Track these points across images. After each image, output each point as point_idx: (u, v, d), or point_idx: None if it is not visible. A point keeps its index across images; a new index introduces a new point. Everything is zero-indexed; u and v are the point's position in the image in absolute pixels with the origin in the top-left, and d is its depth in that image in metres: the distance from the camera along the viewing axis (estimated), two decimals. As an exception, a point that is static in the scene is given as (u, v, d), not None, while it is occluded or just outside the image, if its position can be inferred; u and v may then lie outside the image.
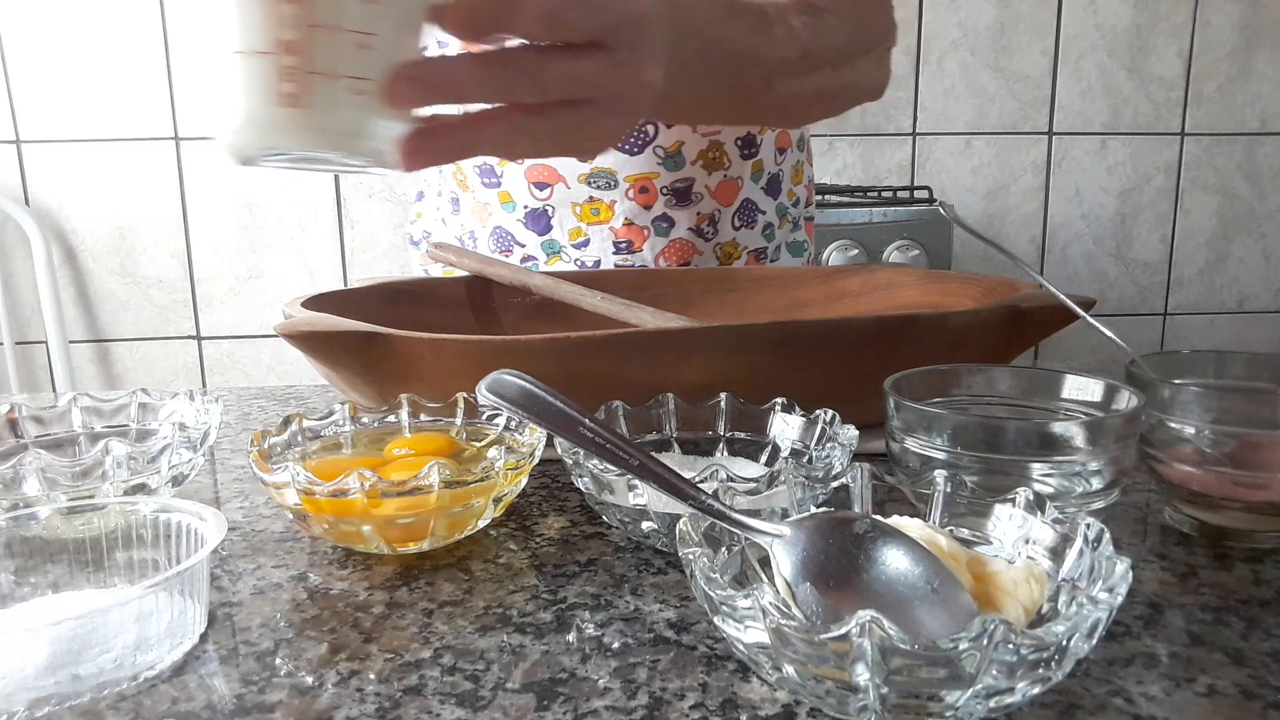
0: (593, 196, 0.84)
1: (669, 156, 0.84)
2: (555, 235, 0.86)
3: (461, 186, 0.89)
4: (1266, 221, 2.10)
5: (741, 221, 0.91)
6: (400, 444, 0.53)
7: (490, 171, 0.85)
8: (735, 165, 0.88)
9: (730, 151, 0.87)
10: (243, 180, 1.88)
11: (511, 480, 0.47)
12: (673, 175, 0.84)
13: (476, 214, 0.89)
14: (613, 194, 0.84)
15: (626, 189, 0.84)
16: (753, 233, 0.92)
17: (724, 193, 0.88)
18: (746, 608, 0.31)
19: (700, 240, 0.88)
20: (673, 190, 0.85)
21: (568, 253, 0.87)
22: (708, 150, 0.85)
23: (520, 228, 0.87)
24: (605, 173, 0.83)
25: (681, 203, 0.86)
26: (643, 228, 0.86)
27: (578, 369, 0.55)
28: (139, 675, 0.35)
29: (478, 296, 0.79)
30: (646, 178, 0.84)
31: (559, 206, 0.85)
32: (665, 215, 0.86)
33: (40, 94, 1.82)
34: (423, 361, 0.55)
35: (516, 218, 0.86)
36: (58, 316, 1.82)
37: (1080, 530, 0.35)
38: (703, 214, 0.88)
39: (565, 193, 0.84)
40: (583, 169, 0.83)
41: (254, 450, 0.47)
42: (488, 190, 0.87)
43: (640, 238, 0.86)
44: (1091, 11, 1.96)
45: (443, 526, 0.45)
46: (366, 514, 0.43)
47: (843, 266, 0.89)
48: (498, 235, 0.88)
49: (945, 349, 0.57)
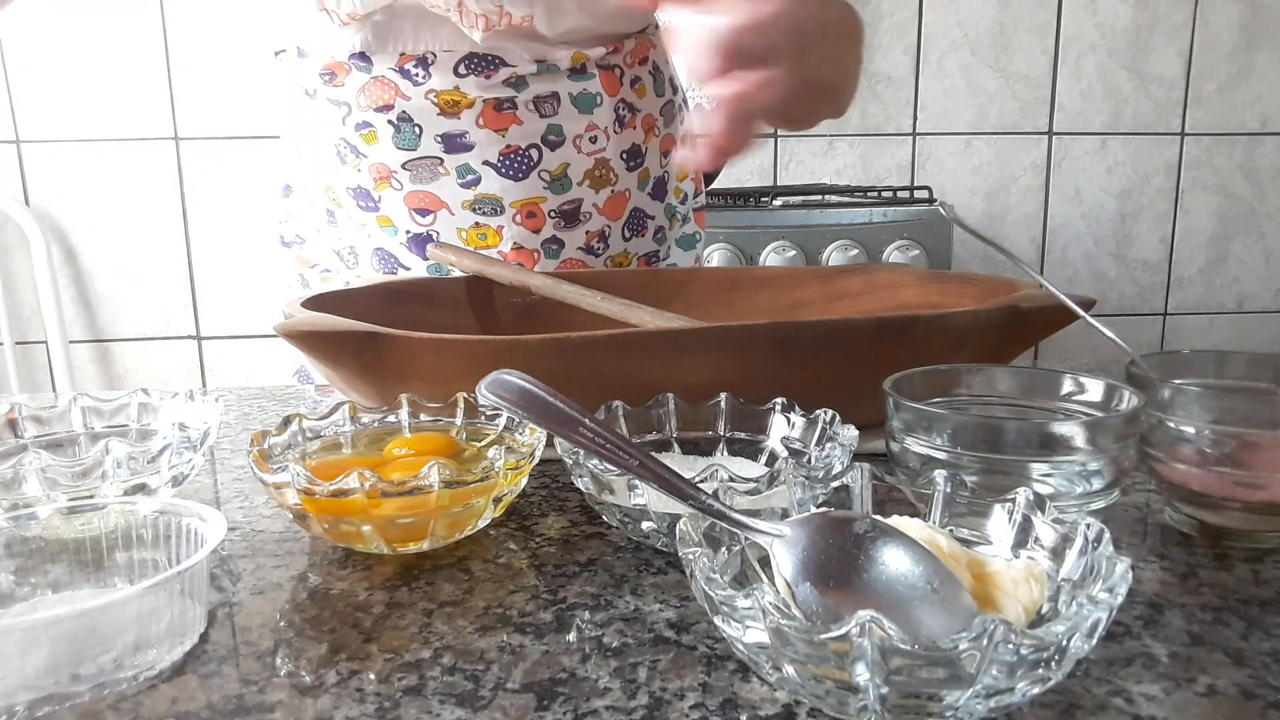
0: (479, 222, 0.81)
1: (555, 180, 0.81)
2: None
3: (333, 204, 0.85)
4: (1266, 221, 2.10)
5: (631, 232, 0.89)
6: (400, 444, 0.53)
7: (366, 196, 0.82)
8: (622, 179, 0.85)
9: (616, 167, 0.85)
10: (243, 180, 1.88)
11: (511, 480, 0.47)
12: (560, 198, 0.82)
13: (354, 233, 0.85)
14: (499, 219, 0.81)
15: (513, 214, 0.81)
16: (644, 240, 0.90)
17: (612, 208, 0.86)
18: (746, 608, 0.31)
19: (590, 257, 0.87)
20: (560, 213, 0.83)
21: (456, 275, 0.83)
22: (594, 169, 0.83)
23: (404, 250, 0.83)
24: (490, 199, 0.80)
25: (570, 224, 0.84)
26: (532, 251, 0.83)
27: (578, 369, 0.55)
28: (139, 675, 0.35)
29: (478, 296, 0.79)
30: (533, 202, 0.81)
31: (444, 232, 0.82)
32: (554, 237, 0.84)
33: (40, 94, 1.82)
34: (423, 361, 0.55)
35: (399, 241, 0.83)
36: (58, 316, 1.82)
37: (1080, 530, 0.35)
38: (591, 232, 0.85)
39: (449, 219, 0.81)
40: (466, 195, 0.80)
41: (254, 450, 0.47)
42: (364, 213, 0.83)
43: (530, 261, 0.84)
44: (1091, 11, 1.96)
45: (443, 526, 0.45)
46: (366, 514, 0.43)
47: (843, 266, 0.89)
48: (380, 255, 0.85)
49: (945, 349, 0.57)
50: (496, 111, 0.78)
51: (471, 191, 0.80)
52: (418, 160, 0.79)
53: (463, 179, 0.80)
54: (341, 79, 0.78)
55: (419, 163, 0.79)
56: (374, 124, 0.78)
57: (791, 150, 1.99)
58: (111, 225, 1.88)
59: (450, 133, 0.78)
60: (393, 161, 0.79)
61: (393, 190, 0.81)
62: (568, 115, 0.81)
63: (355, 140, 0.79)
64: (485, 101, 0.78)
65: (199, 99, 1.85)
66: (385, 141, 0.78)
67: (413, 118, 0.78)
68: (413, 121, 0.78)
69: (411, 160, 0.79)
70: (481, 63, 0.77)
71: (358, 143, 0.79)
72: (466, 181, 0.80)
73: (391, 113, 0.78)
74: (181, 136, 1.86)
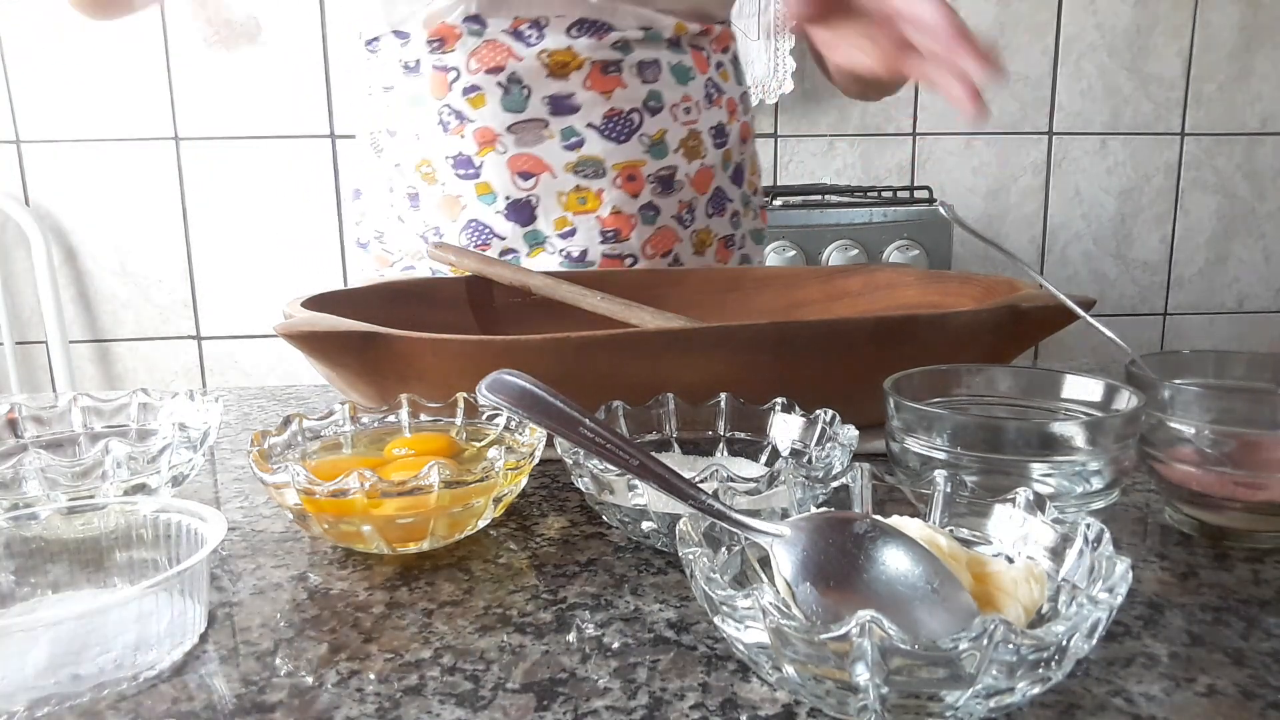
0: (579, 185, 0.84)
1: (654, 145, 0.84)
2: (539, 226, 0.85)
3: (426, 180, 0.86)
4: (1266, 221, 2.10)
5: (714, 209, 0.91)
6: (400, 444, 0.53)
7: (467, 163, 0.83)
8: (709, 154, 0.89)
9: (705, 141, 0.88)
10: (243, 180, 1.88)
11: (511, 480, 0.47)
12: (658, 164, 0.85)
13: (445, 208, 0.86)
14: (600, 182, 0.84)
15: (614, 177, 0.84)
16: (723, 220, 0.93)
17: (700, 180, 0.89)
18: (746, 608, 0.31)
19: (681, 228, 0.89)
20: (658, 178, 0.85)
21: (553, 243, 0.85)
22: (688, 139, 0.86)
23: (500, 219, 0.85)
24: (593, 161, 0.83)
25: (666, 191, 0.86)
26: (629, 216, 0.85)
27: (578, 369, 0.55)
28: (139, 675, 0.35)
29: (478, 296, 0.79)
30: (634, 165, 0.84)
31: (544, 196, 0.84)
32: (651, 203, 0.86)
33: (40, 94, 1.82)
34: (423, 361, 0.55)
35: (496, 209, 0.84)
36: (58, 316, 1.82)
37: (1080, 530, 0.35)
38: (683, 202, 0.88)
39: (551, 182, 0.83)
40: (569, 158, 0.83)
41: (254, 450, 0.47)
42: (462, 182, 0.84)
43: (628, 226, 0.86)
44: (1091, 11, 1.96)
45: (443, 526, 0.45)
46: (366, 514, 0.43)
47: (843, 266, 0.89)
48: (473, 229, 0.86)
49: (945, 349, 0.57)
50: (603, 74, 0.82)
51: (575, 154, 0.83)
52: (523, 123, 0.82)
53: (567, 141, 0.82)
54: (451, 44, 0.81)
55: (525, 125, 0.82)
56: (483, 87, 0.81)
57: (791, 150, 1.99)
58: (111, 225, 1.88)
59: (558, 94, 0.81)
60: (498, 125, 0.81)
61: (496, 154, 0.83)
62: (667, 83, 0.84)
63: (461, 105, 0.82)
64: (593, 64, 0.81)
65: (199, 99, 1.85)
66: (493, 104, 0.81)
67: (522, 79, 0.80)
68: (522, 83, 0.81)
69: (517, 123, 0.81)
70: (592, 26, 0.81)
71: (464, 108, 0.82)
72: (570, 144, 0.82)
73: (502, 74, 0.80)
74: (181, 136, 1.86)
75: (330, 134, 1.89)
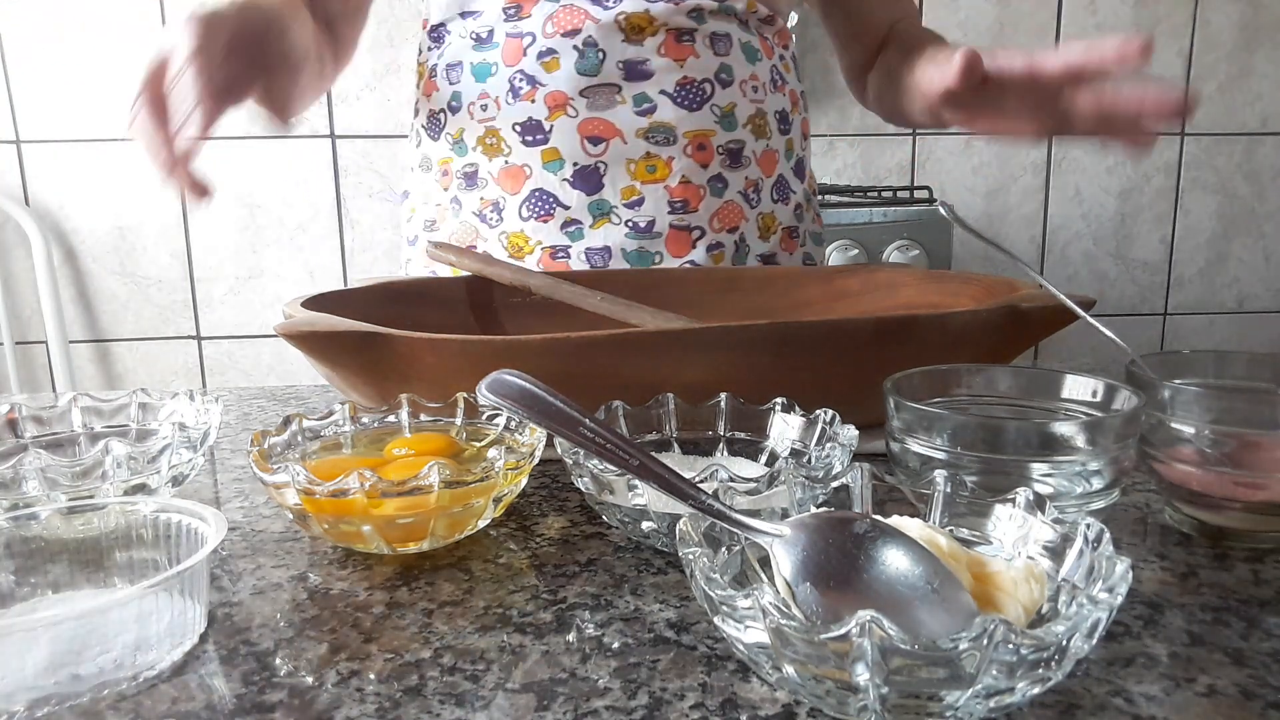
0: (649, 152, 0.83)
1: (724, 116, 0.85)
2: (606, 194, 0.84)
3: (489, 152, 0.85)
4: (1266, 221, 2.10)
5: (778, 196, 0.91)
6: (400, 444, 0.53)
7: (537, 128, 0.83)
8: (774, 137, 0.89)
9: (771, 123, 0.89)
10: (243, 180, 1.88)
11: (512, 480, 0.47)
12: (728, 135, 0.85)
13: (508, 180, 0.85)
14: (671, 150, 0.83)
15: (685, 145, 0.83)
16: (786, 209, 0.93)
17: (766, 162, 0.89)
18: (746, 608, 0.31)
19: (747, 207, 0.89)
20: (727, 150, 0.85)
21: (619, 213, 0.84)
22: (755, 116, 0.87)
23: (566, 187, 0.83)
24: (664, 127, 0.83)
25: (734, 164, 0.86)
26: (699, 187, 0.85)
27: (578, 369, 0.55)
28: (139, 675, 0.35)
29: (478, 296, 0.79)
30: (704, 135, 0.84)
31: (612, 164, 0.83)
32: (720, 175, 0.86)
33: (40, 94, 1.82)
34: (422, 362, 0.55)
35: (563, 176, 0.83)
36: (58, 316, 1.82)
37: (1080, 530, 0.35)
38: (750, 180, 0.88)
39: (621, 148, 0.83)
40: (641, 124, 0.82)
41: (254, 450, 0.47)
42: (529, 149, 0.83)
43: (696, 197, 0.85)
44: (1091, 11, 1.96)
45: (443, 526, 0.45)
46: (366, 514, 0.43)
47: (843, 266, 0.89)
48: (536, 199, 0.84)
49: (945, 349, 0.57)
50: (677, 42, 0.82)
51: (646, 120, 0.83)
52: (596, 86, 0.82)
53: (639, 107, 0.82)
54: (528, 9, 0.82)
55: (597, 89, 0.82)
56: (558, 50, 0.81)
57: (791, 150, 1.99)
58: (111, 225, 1.88)
59: (633, 60, 0.82)
60: (571, 88, 0.82)
61: (567, 118, 0.82)
62: (737, 59, 0.85)
63: (535, 70, 0.82)
64: (668, 30, 0.82)
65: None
66: (567, 67, 0.81)
67: (598, 42, 0.81)
68: (598, 46, 0.81)
69: (590, 86, 0.82)
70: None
71: (537, 72, 0.82)
72: (643, 110, 0.82)
73: (578, 37, 0.81)
74: (181, 136, 1.86)
75: (330, 134, 1.89)
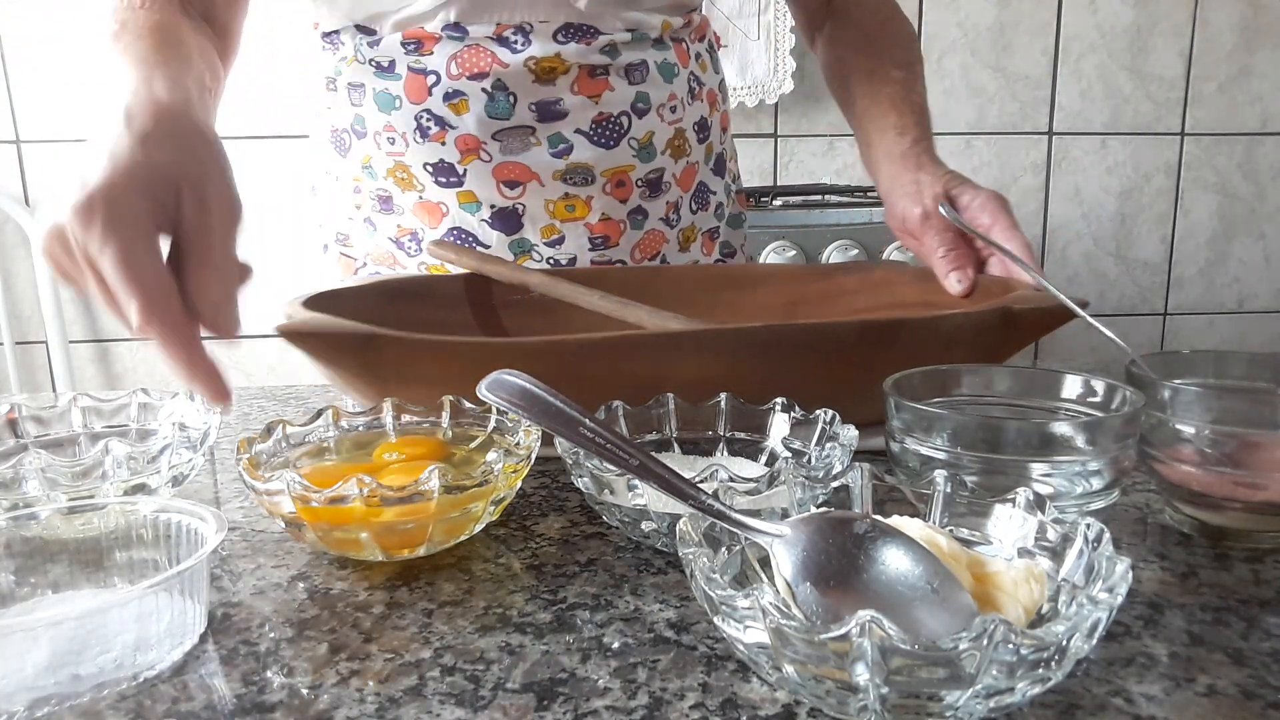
0: (568, 193, 0.82)
1: (642, 148, 0.83)
2: (526, 234, 0.83)
3: (402, 185, 0.82)
4: (1266, 221, 2.10)
5: (698, 205, 0.90)
6: (389, 448, 0.52)
7: (449, 170, 0.80)
8: (694, 150, 0.87)
9: (690, 137, 0.86)
10: (241, 180, 1.88)
11: (510, 483, 0.47)
12: (646, 167, 0.84)
13: (424, 213, 0.83)
14: (590, 189, 0.82)
15: (603, 184, 0.82)
16: (707, 214, 0.92)
17: (686, 178, 0.88)
18: (746, 608, 0.31)
19: (668, 229, 0.88)
20: (646, 182, 0.84)
21: (539, 251, 0.84)
22: (674, 138, 0.85)
23: (485, 228, 0.82)
24: (582, 168, 0.81)
25: (653, 194, 0.85)
26: (619, 222, 0.84)
27: (576, 370, 0.55)
28: (139, 675, 0.35)
29: (476, 295, 0.79)
30: (622, 171, 0.82)
31: (530, 204, 0.82)
32: (639, 207, 0.85)
33: (40, 94, 1.82)
34: (421, 362, 0.55)
35: (481, 217, 0.82)
36: (58, 316, 1.82)
37: (1080, 530, 0.35)
38: (670, 202, 0.87)
39: (539, 190, 0.81)
40: (558, 165, 0.80)
41: (243, 459, 0.46)
42: (444, 190, 0.81)
43: (617, 232, 0.84)
44: (1091, 11, 1.96)
45: (440, 532, 0.44)
46: (365, 521, 0.42)
47: (840, 264, 0.89)
48: (454, 236, 0.83)
49: (937, 351, 0.57)
50: (590, 78, 0.79)
51: (563, 161, 0.80)
52: (509, 130, 0.79)
53: (554, 148, 0.80)
54: (429, 47, 0.78)
55: (510, 132, 0.79)
56: (466, 93, 0.78)
57: (791, 150, 1.99)
58: (111, 225, 1.88)
59: (545, 100, 0.79)
60: (482, 132, 0.79)
61: (480, 163, 0.80)
62: (654, 83, 0.83)
63: (443, 111, 0.79)
64: (580, 68, 0.79)
65: (199, 99, 1.85)
66: (477, 110, 0.78)
67: (508, 85, 0.78)
68: (507, 90, 0.78)
69: (503, 130, 0.79)
70: (579, 31, 0.78)
71: (445, 113, 0.79)
72: (558, 151, 0.80)
73: (486, 80, 0.77)
74: (181, 136, 1.86)
75: (330, 134, 1.89)
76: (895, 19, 0.91)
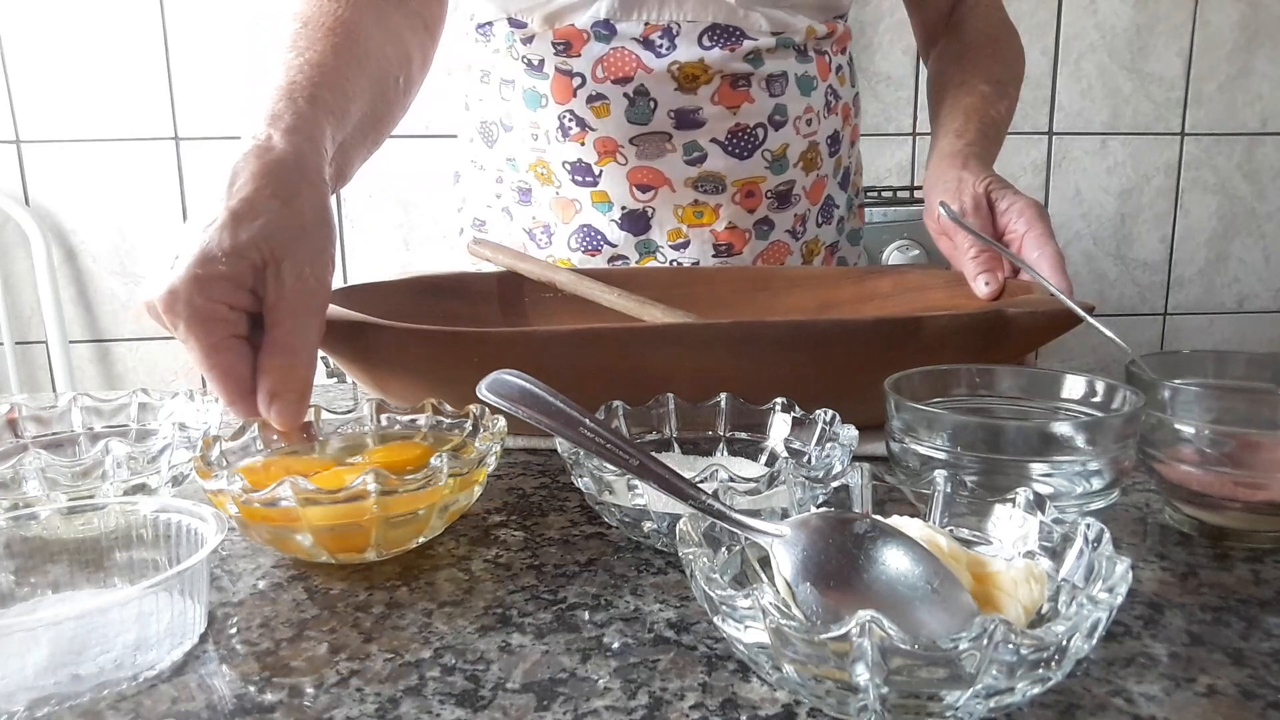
0: (698, 200, 0.82)
1: (775, 160, 0.83)
2: (653, 235, 0.84)
3: (541, 179, 0.85)
4: (1266, 221, 2.10)
5: (823, 219, 0.91)
6: (377, 453, 0.50)
7: (586, 170, 0.82)
8: (824, 164, 0.88)
9: (822, 151, 0.87)
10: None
11: (461, 489, 0.45)
12: (777, 179, 0.84)
13: (558, 209, 0.85)
14: (718, 198, 0.83)
15: (733, 193, 0.83)
16: (830, 228, 0.92)
17: (815, 192, 0.88)
18: (746, 608, 0.31)
19: (793, 241, 0.88)
20: (776, 194, 0.85)
21: (664, 253, 0.84)
22: (807, 151, 0.85)
23: (614, 227, 0.84)
24: (713, 177, 0.81)
25: (782, 206, 0.85)
26: (744, 231, 0.85)
27: (583, 363, 0.55)
28: (139, 675, 0.35)
29: (508, 291, 0.79)
30: (753, 182, 0.83)
31: (660, 208, 0.83)
32: (766, 218, 0.85)
33: (40, 94, 1.82)
34: (410, 352, 0.55)
35: (611, 217, 0.83)
36: (58, 316, 1.82)
37: (1080, 530, 0.35)
38: (798, 215, 0.87)
39: (669, 195, 0.82)
40: (690, 173, 0.81)
41: (196, 456, 0.45)
42: (579, 188, 0.83)
43: (741, 241, 0.85)
44: (1091, 11, 1.96)
45: (387, 536, 0.43)
46: (301, 522, 0.41)
47: (875, 267, 0.89)
48: (584, 233, 0.85)
49: (928, 352, 0.56)
50: (732, 89, 0.80)
51: (696, 169, 0.81)
52: (647, 135, 0.80)
53: (689, 155, 0.81)
54: (578, 49, 0.79)
55: (648, 138, 0.80)
56: (609, 96, 0.79)
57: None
58: (111, 225, 1.88)
59: (684, 108, 0.79)
60: (621, 136, 0.80)
61: (616, 165, 0.81)
62: (792, 96, 0.83)
63: (585, 112, 0.80)
64: (723, 79, 0.79)
65: (199, 99, 1.85)
66: (617, 115, 0.79)
67: (649, 91, 0.78)
68: (649, 95, 0.79)
69: (640, 135, 0.80)
70: (724, 34, 0.78)
71: (587, 115, 0.80)
72: (692, 159, 0.81)
73: (629, 85, 0.79)
74: (181, 136, 1.86)
75: (330, 134, 1.89)
76: (1001, 39, 0.91)
